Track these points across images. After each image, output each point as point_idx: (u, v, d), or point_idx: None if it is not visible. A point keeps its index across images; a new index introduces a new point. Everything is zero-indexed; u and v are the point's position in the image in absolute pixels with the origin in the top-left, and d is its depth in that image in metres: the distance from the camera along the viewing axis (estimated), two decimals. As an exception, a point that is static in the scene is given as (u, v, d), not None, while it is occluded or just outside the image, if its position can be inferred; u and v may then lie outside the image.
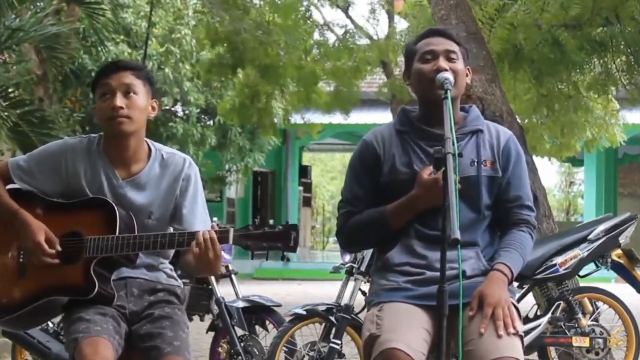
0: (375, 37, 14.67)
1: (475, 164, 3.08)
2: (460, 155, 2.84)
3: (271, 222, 3.10)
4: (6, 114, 7.07)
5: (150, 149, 3.30)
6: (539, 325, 5.32)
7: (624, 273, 5.52)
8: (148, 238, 3.11)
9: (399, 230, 3.10)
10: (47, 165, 3.26)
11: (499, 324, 2.87)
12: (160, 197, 3.26)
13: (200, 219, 3.28)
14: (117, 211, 3.14)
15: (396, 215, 3.08)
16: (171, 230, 3.28)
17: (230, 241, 3.04)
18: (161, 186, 3.27)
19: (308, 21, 13.35)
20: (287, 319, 5.45)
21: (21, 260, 3.22)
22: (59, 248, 3.15)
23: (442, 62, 3.06)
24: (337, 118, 14.71)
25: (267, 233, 3.04)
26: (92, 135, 3.34)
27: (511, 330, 2.88)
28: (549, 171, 33.44)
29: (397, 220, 3.08)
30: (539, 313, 5.50)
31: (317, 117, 15.57)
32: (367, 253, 5.19)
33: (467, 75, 3.17)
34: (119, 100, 3.18)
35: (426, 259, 3.04)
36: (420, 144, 3.11)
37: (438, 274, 2.80)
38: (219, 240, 3.06)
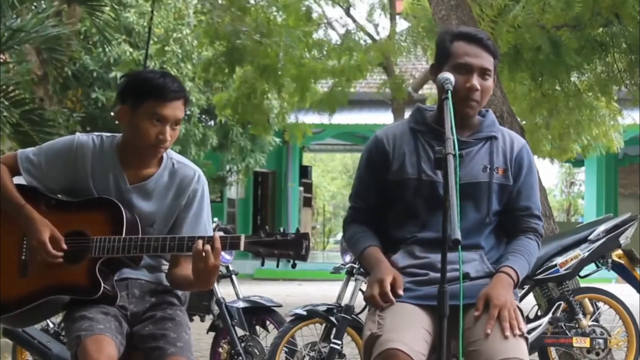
0: (376, 37, 14.67)
1: (488, 170, 3.07)
2: (460, 156, 2.83)
3: (282, 229, 3.08)
4: (6, 114, 7.07)
5: (162, 156, 3.27)
6: (540, 325, 5.33)
7: (624, 273, 5.52)
8: (156, 240, 3.09)
9: (399, 238, 3.10)
10: (55, 160, 3.22)
11: (505, 325, 2.87)
12: (165, 208, 3.24)
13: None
14: (123, 212, 3.12)
15: (363, 265, 3.22)
16: None
17: (242, 248, 3.01)
18: (167, 197, 3.24)
19: (310, 18, 13.32)
20: (288, 319, 5.46)
21: (23, 257, 3.19)
22: (64, 247, 3.11)
23: (475, 80, 3.03)
24: (336, 119, 14.69)
25: (279, 241, 3.01)
26: (106, 134, 3.29)
27: (517, 331, 2.88)
28: (550, 172, 33.50)
29: (364, 268, 3.15)
30: (539, 313, 5.51)
31: (314, 118, 15.55)
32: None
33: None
34: (168, 134, 3.14)
35: (430, 261, 3.03)
36: (432, 144, 3.09)
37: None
38: (230, 247, 3.04)
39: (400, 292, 2.97)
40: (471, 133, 3.03)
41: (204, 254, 2.99)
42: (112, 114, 14.79)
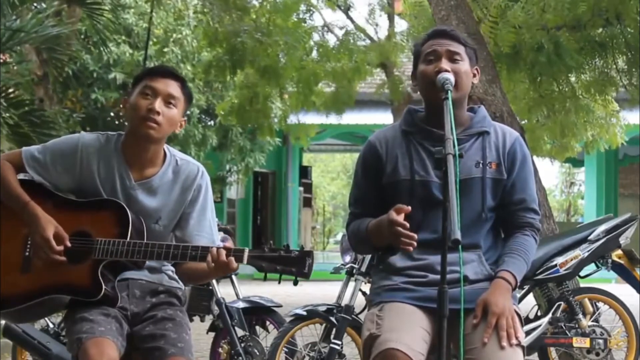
0: (375, 38, 14.66)
1: (481, 165, 3.07)
2: (460, 156, 2.83)
3: (286, 244, 3.07)
4: (7, 114, 7.07)
5: (165, 154, 3.29)
6: (540, 325, 5.33)
7: (624, 274, 5.52)
8: (160, 247, 3.08)
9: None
10: (61, 160, 3.22)
11: (502, 335, 2.88)
12: (171, 204, 3.25)
13: (207, 232, 3.27)
14: (129, 215, 3.12)
15: (374, 236, 3.06)
16: (172, 237, 3.27)
17: (245, 262, 3.01)
18: (172, 193, 3.25)
19: (308, 21, 13.34)
20: (288, 319, 5.46)
21: (27, 253, 3.17)
22: (68, 244, 3.10)
23: (444, 64, 3.04)
24: (336, 119, 14.68)
25: (282, 257, 3.01)
26: (110, 132, 3.31)
27: (514, 341, 2.88)
28: (550, 172, 33.46)
29: (376, 240, 3.05)
30: (539, 314, 5.51)
31: (314, 119, 15.55)
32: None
33: (474, 75, 3.14)
34: (158, 105, 3.16)
35: (428, 263, 3.03)
36: (424, 144, 3.10)
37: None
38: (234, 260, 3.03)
39: (407, 207, 2.90)
40: (462, 130, 3.04)
41: (219, 263, 3.00)
42: (112, 114, 14.81)
